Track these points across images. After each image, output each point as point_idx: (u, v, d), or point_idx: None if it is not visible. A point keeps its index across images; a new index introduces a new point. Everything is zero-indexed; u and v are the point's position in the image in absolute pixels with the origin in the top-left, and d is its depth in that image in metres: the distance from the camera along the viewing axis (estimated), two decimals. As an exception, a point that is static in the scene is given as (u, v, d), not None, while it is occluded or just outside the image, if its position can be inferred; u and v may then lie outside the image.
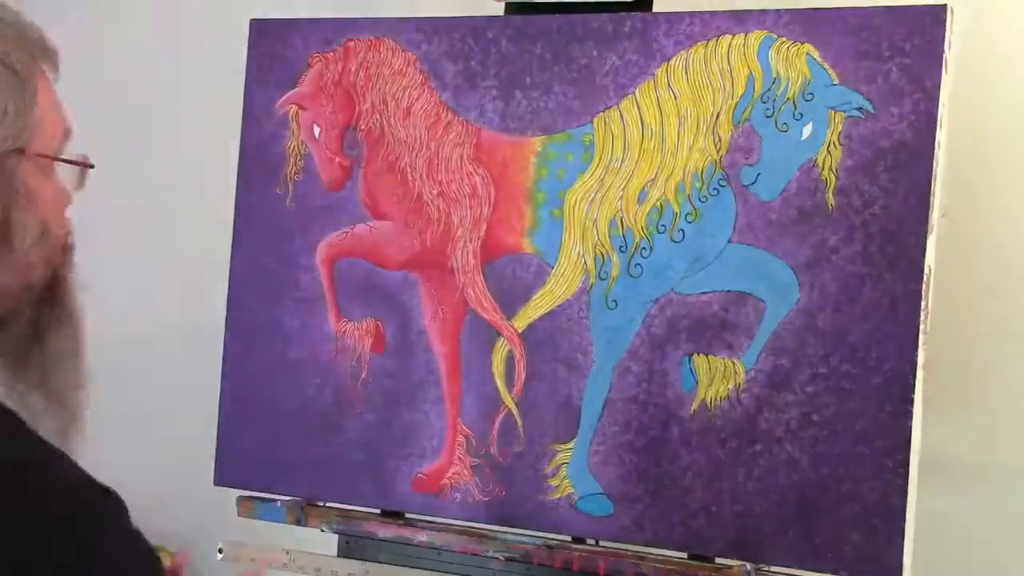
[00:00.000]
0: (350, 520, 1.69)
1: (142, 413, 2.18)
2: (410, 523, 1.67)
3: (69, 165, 1.04)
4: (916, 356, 1.45)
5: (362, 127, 1.73)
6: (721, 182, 1.55)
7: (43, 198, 1.02)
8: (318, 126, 1.76)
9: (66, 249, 1.07)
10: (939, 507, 1.66)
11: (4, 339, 1.04)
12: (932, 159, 1.45)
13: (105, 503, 0.93)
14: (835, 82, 1.50)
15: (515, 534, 1.62)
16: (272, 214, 1.78)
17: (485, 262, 1.66)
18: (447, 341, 1.66)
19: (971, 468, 1.88)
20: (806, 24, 1.51)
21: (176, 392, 2.16)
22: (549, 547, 1.58)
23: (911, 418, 1.45)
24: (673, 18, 1.57)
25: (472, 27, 1.68)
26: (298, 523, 1.71)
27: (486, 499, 1.64)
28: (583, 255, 1.61)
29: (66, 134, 1.04)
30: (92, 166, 1.05)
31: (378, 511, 1.71)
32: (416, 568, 1.67)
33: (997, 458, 1.89)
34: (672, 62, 1.57)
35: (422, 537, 1.64)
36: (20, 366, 1.05)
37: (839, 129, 1.49)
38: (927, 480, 1.49)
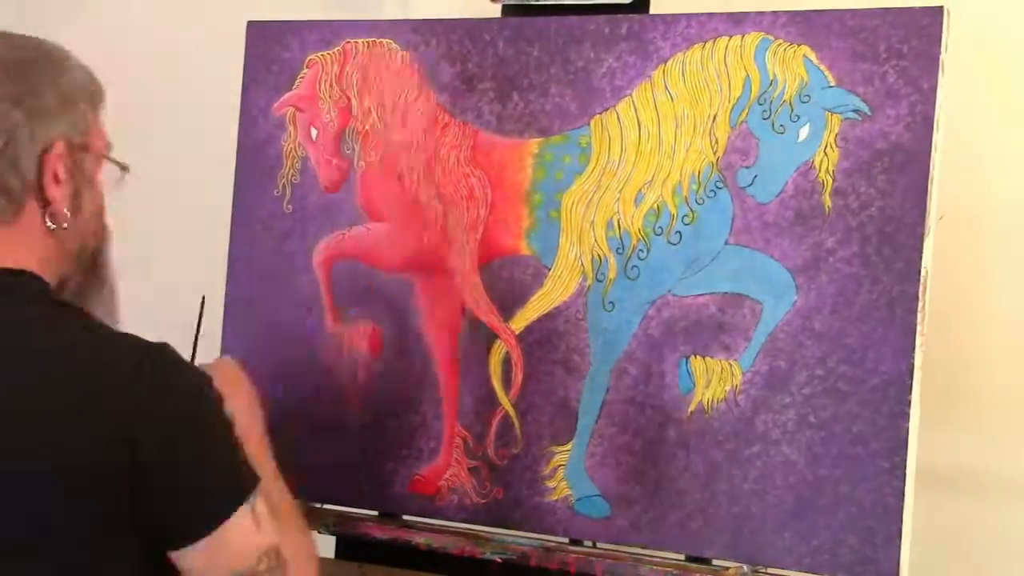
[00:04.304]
0: (347, 522, 1.69)
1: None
2: (407, 525, 1.67)
3: (109, 170, 1.39)
4: (913, 358, 1.45)
5: (359, 129, 1.73)
6: (718, 184, 1.55)
7: (96, 185, 1.38)
8: (315, 128, 1.76)
9: (106, 231, 1.42)
10: (936, 509, 1.66)
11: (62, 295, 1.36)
12: (929, 161, 1.45)
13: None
14: (832, 84, 1.50)
15: (512, 536, 1.62)
16: (269, 216, 1.78)
17: (482, 264, 1.66)
18: (444, 343, 1.66)
19: (968, 470, 1.88)
20: (803, 26, 1.51)
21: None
22: (546, 549, 1.58)
23: (908, 420, 1.45)
24: (670, 20, 1.58)
25: (469, 29, 1.68)
26: (295, 525, 1.71)
27: (483, 501, 1.64)
28: (580, 257, 1.61)
29: (108, 147, 1.40)
30: (127, 168, 1.39)
31: (375, 513, 1.71)
32: (413, 570, 1.67)
33: (994, 460, 1.89)
34: (669, 64, 1.57)
35: (419, 539, 1.64)
36: None
37: (836, 131, 1.49)
38: (923, 482, 1.49)
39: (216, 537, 1.25)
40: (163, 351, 1.27)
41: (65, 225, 1.33)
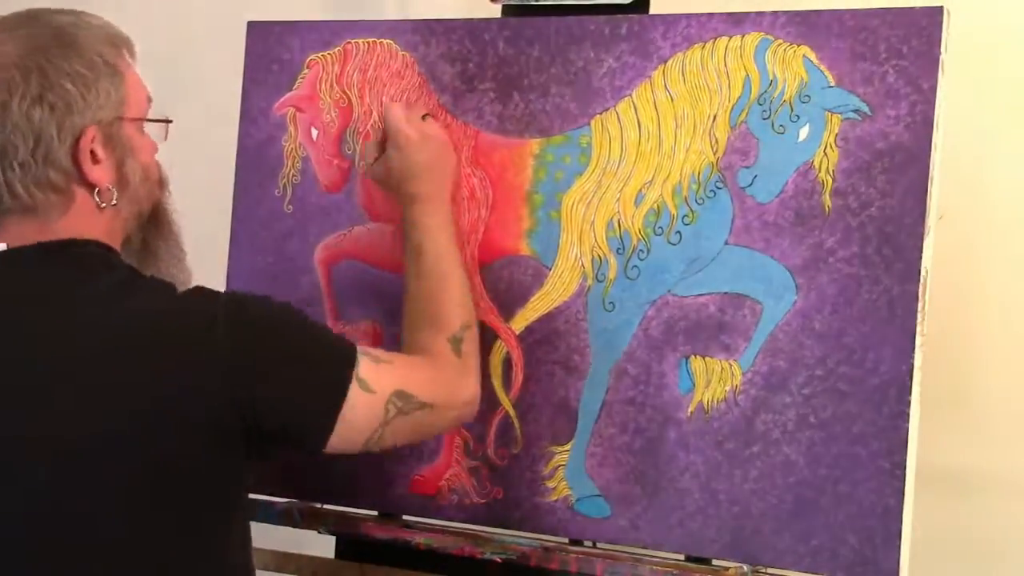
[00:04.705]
0: (347, 522, 1.69)
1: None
2: (407, 525, 1.67)
3: (154, 123, 1.43)
4: (913, 358, 1.45)
5: (360, 129, 1.73)
6: (718, 184, 1.55)
7: (141, 149, 1.40)
8: (315, 128, 1.76)
9: (162, 183, 1.47)
10: (936, 509, 1.66)
11: (127, 253, 1.42)
12: (929, 161, 1.45)
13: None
14: (832, 84, 1.50)
15: (512, 536, 1.62)
16: (270, 216, 1.78)
17: (483, 264, 1.66)
18: (444, 343, 1.66)
19: (968, 470, 1.89)
20: (803, 26, 1.51)
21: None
22: (546, 549, 1.58)
23: (908, 420, 1.45)
24: (670, 20, 1.58)
25: (469, 29, 1.68)
26: (295, 525, 1.71)
27: (483, 501, 1.64)
28: (580, 257, 1.61)
29: (148, 100, 1.42)
30: (171, 121, 1.43)
31: (375, 513, 1.71)
32: (413, 570, 1.67)
33: (994, 460, 1.89)
34: (669, 64, 1.57)
35: (419, 539, 1.63)
36: (142, 269, 1.42)
37: (836, 131, 1.49)
38: (923, 482, 1.49)
39: (337, 430, 1.35)
40: (229, 299, 1.34)
41: (114, 202, 1.37)
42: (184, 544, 1.30)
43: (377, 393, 1.38)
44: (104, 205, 1.36)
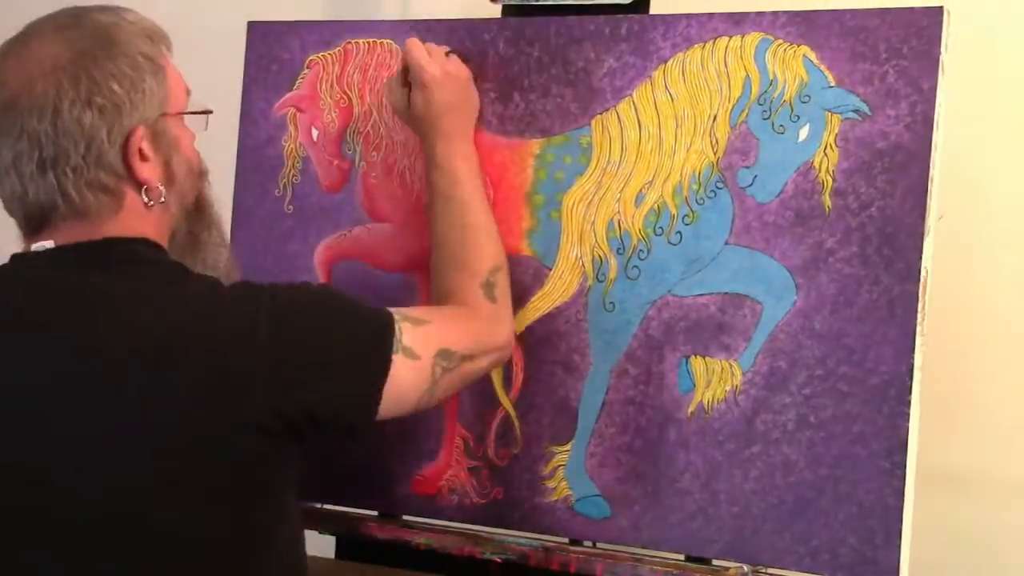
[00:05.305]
0: (347, 522, 1.69)
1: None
2: (407, 525, 1.67)
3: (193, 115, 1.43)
4: (913, 358, 1.45)
5: (360, 129, 1.73)
6: (718, 184, 1.55)
7: (184, 142, 1.41)
8: (316, 128, 1.76)
9: (202, 174, 1.46)
10: (936, 509, 1.66)
11: (172, 247, 1.41)
12: (929, 161, 1.45)
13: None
14: (832, 84, 1.50)
15: (512, 536, 1.62)
16: (270, 217, 1.78)
17: (483, 264, 1.66)
18: (445, 343, 1.66)
19: (968, 470, 1.89)
20: (803, 26, 1.51)
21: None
22: (546, 549, 1.58)
23: (908, 420, 1.45)
24: (670, 20, 1.58)
25: (469, 29, 1.68)
26: (295, 525, 1.71)
27: (483, 501, 1.64)
28: (581, 257, 1.61)
29: (187, 93, 1.42)
30: (211, 111, 1.44)
31: (375, 513, 1.71)
32: (413, 570, 1.67)
33: (994, 460, 1.89)
34: (669, 64, 1.57)
35: (419, 539, 1.64)
36: (188, 260, 1.42)
37: (836, 131, 1.49)
38: (923, 482, 1.49)
39: (384, 402, 1.36)
40: (272, 297, 1.32)
41: (163, 200, 1.37)
42: (238, 542, 1.30)
43: (422, 358, 1.39)
44: (152, 203, 1.36)
